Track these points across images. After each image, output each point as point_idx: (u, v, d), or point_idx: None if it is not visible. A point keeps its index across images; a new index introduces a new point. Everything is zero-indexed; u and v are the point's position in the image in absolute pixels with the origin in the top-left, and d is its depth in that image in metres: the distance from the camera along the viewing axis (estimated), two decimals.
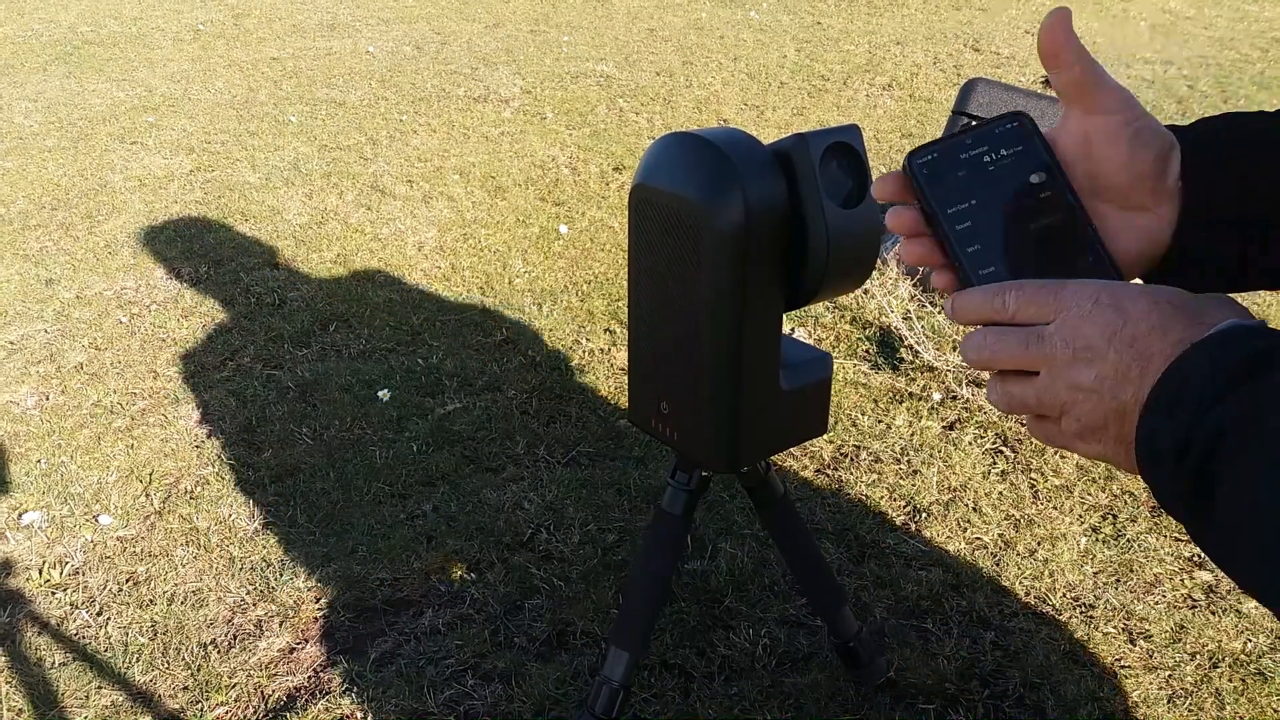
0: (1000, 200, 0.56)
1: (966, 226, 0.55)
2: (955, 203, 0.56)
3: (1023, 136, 0.57)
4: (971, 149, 0.57)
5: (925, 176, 0.56)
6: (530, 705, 1.56)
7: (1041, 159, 0.56)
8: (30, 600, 1.83)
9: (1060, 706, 1.52)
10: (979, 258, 0.55)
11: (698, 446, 1.17)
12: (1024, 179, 0.56)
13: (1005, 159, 0.56)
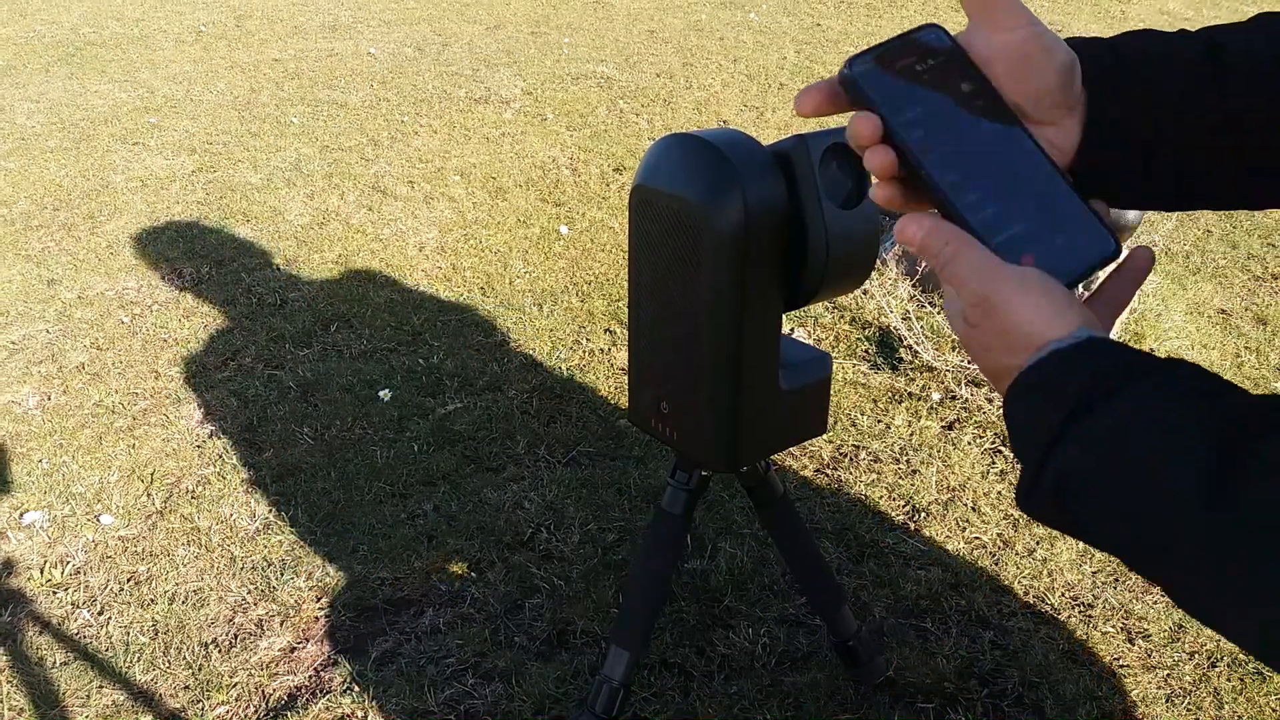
0: (942, 108, 0.56)
1: (920, 135, 0.55)
2: (903, 111, 0.56)
3: (944, 45, 0.57)
4: (903, 57, 0.57)
5: (871, 84, 0.56)
6: (530, 704, 1.56)
7: (967, 67, 0.57)
8: (32, 600, 1.83)
9: (1059, 705, 1.53)
10: (941, 166, 0.55)
11: (697, 446, 1.17)
12: (957, 86, 0.57)
13: (934, 67, 0.57)
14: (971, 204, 0.55)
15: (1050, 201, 0.56)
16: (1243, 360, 2.41)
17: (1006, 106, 0.57)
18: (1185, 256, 2.93)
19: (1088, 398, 0.46)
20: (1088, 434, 0.45)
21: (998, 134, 0.56)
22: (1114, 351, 0.48)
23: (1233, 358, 2.42)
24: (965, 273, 0.52)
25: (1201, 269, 2.85)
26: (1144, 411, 0.44)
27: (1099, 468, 0.45)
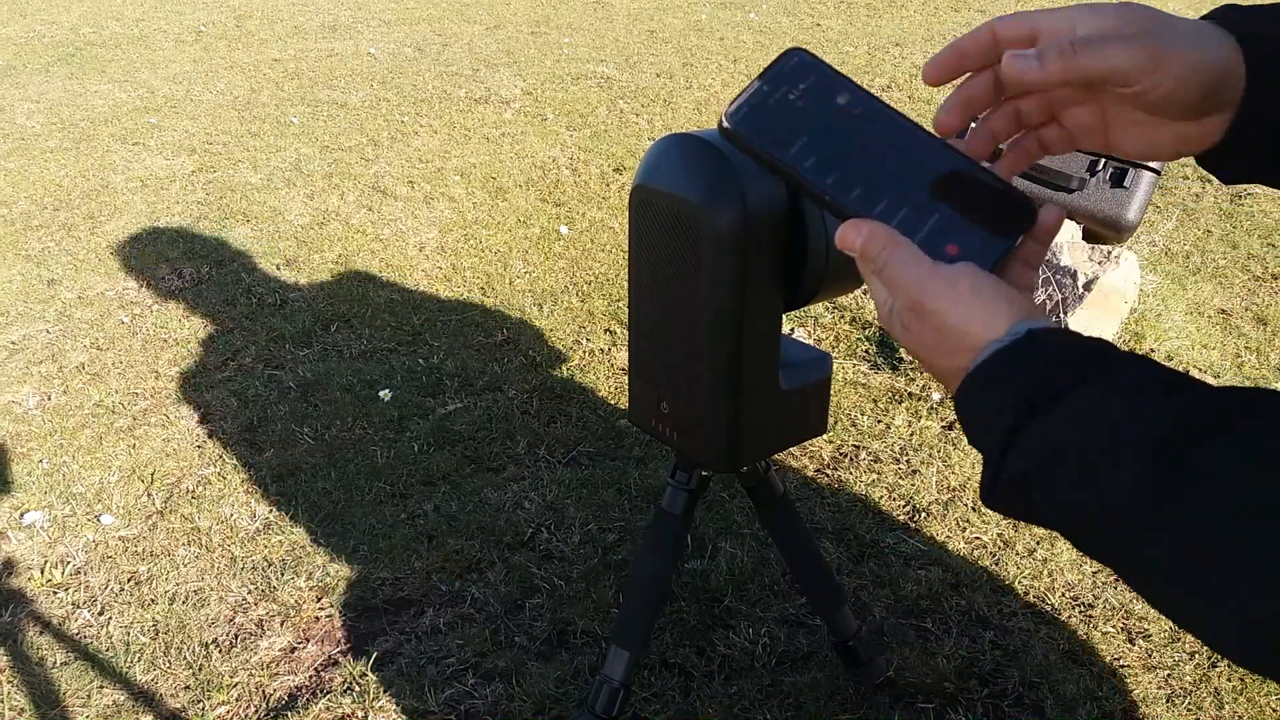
0: (825, 129, 0.57)
1: (813, 162, 0.56)
2: (790, 144, 0.56)
3: (809, 67, 0.58)
4: (773, 93, 0.57)
5: (750, 129, 0.57)
6: (531, 704, 1.56)
7: (835, 81, 0.58)
8: (32, 600, 1.83)
9: (1059, 705, 1.53)
10: (841, 186, 0.56)
11: (698, 446, 1.17)
12: (833, 102, 0.57)
13: (806, 90, 0.57)
14: (885, 210, 0.55)
15: (957, 185, 0.56)
16: (1243, 360, 2.41)
17: (885, 106, 0.58)
18: (1185, 256, 2.93)
19: (1033, 401, 0.47)
20: (1037, 439, 0.46)
21: (886, 134, 0.57)
22: (1052, 346, 0.48)
23: (1233, 358, 2.42)
24: (898, 276, 0.53)
25: (1201, 269, 2.85)
26: (1090, 417, 0.45)
27: (1052, 471, 0.45)
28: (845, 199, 0.56)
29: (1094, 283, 2.34)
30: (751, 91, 0.58)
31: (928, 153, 0.57)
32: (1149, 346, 2.40)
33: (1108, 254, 2.40)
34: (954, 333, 0.51)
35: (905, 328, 0.54)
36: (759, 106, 0.57)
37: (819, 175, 0.56)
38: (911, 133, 0.57)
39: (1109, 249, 2.41)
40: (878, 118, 0.57)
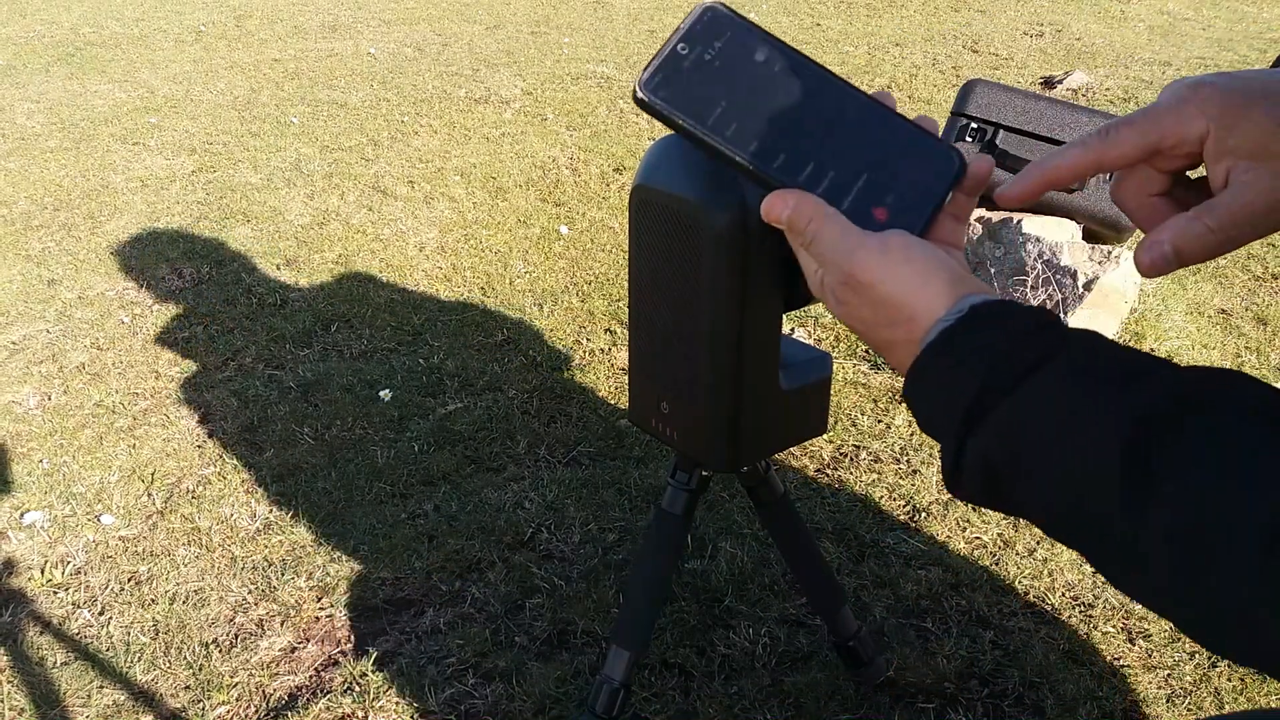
0: (745, 91, 0.53)
1: (733, 130, 0.53)
2: (708, 112, 0.53)
3: (725, 22, 0.54)
4: (689, 55, 0.54)
5: (666, 98, 0.53)
6: (531, 704, 1.56)
7: (753, 36, 0.54)
8: (32, 600, 1.83)
9: (1059, 705, 1.53)
10: (763, 154, 0.53)
11: (698, 446, 1.17)
12: (752, 60, 0.54)
13: (723, 49, 0.54)
14: (810, 177, 0.53)
15: (883, 141, 0.54)
16: (1243, 360, 2.41)
17: (804, 59, 0.54)
18: None
19: (989, 386, 0.45)
20: (1000, 428, 0.45)
21: (807, 92, 0.54)
22: (1002, 325, 0.46)
23: (1233, 358, 2.42)
24: (827, 250, 0.51)
25: (1202, 269, 2.85)
26: (1052, 407, 0.43)
27: (1016, 463, 0.44)
28: (769, 168, 0.53)
29: (1094, 282, 2.34)
30: (666, 55, 0.54)
31: (850, 108, 0.54)
32: (1149, 346, 2.40)
33: (1108, 254, 2.40)
34: (890, 304, 0.49)
35: (840, 301, 0.52)
36: (674, 71, 0.54)
37: (740, 144, 0.53)
38: (833, 87, 0.54)
39: (1109, 249, 2.41)
40: (798, 73, 0.54)
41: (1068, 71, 4.48)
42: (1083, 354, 0.45)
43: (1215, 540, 0.38)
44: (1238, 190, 0.48)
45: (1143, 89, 4.33)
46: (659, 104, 0.53)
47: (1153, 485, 0.39)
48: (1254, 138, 0.47)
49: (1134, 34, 5.21)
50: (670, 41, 0.54)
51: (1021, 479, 0.44)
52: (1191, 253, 0.49)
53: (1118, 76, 4.49)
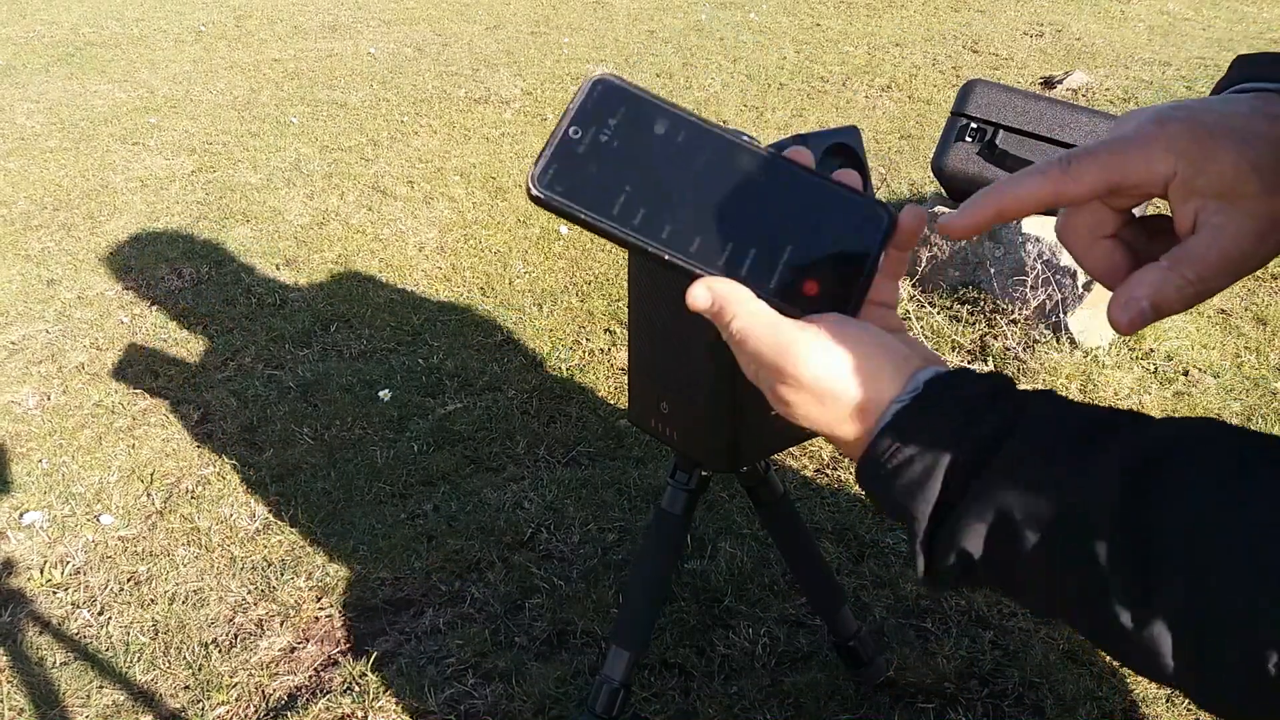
0: (648, 172, 0.49)
1: (641, 218, 0.49)
2: (612, 201, 0.49)
3: (618, 95, 0.50)
4: (583, 138, 0.49)
5: (563, 192, 0.49)
6: (531, 704, 1.56)
7: (650, 108, 0.50)
8: (32, 600, 1.83)
9: (1059, 705, 1.53)
10: (677, 240, 0.49)
11: (697, 446, 1.17)
12: (652, 134, 0.49)
13: (619, 127, 0.49)
14: (730, 259, 0.49)
15: (804, 208, 0.50)
16: (1243, 360, 2.41)
17: (707, 125, 0.50)
18: None
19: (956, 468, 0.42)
20: (974, 514, 0.42)
21: (715, 162, 0.49)
22: (957, 397, 0.43)
23: (1233, 358, 2.42)
24: (761, 348, 0.47)
25: None
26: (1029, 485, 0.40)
27: (998, 553, 0.41)
28: (685, 256, 0.48)
29: (1094, 282, 2.34)
30: (558, 142, 0.49)
31: (766, 175, 0.49)
32: (1149, 346, 2.40)
33: None
34: (839, 401, 0.46)
35: (782, 400, 0.48)
36: (569, 160, 0.49)
37: (650, 233, 0.48)
38: (744, 154, 0.50)
39: None
40: (704, 143, 0.49)
41: (1068, 71, 4.48)
42: (1042, 419, 0.42)
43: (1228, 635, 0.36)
44: (1212, 236, 0.45)
45: (1143, 89, 4.33)
46: (557, 200, 0.48)
47: (1155, 562, 0.37)
48: (1223, 178, 0.44)
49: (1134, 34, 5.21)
50: (561, 126, 0.49)
51: (1003, 571, 0.42)
52: (1170, 307, 0.46)
53: (1118, 76, 4.49)
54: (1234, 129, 0.45)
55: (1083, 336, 2.35)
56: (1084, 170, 0.46)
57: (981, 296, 2.49)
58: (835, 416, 0.46)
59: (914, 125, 4.08)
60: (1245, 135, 0.44)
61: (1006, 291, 2.45)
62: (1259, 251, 0.45)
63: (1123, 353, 2.37)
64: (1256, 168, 0.44)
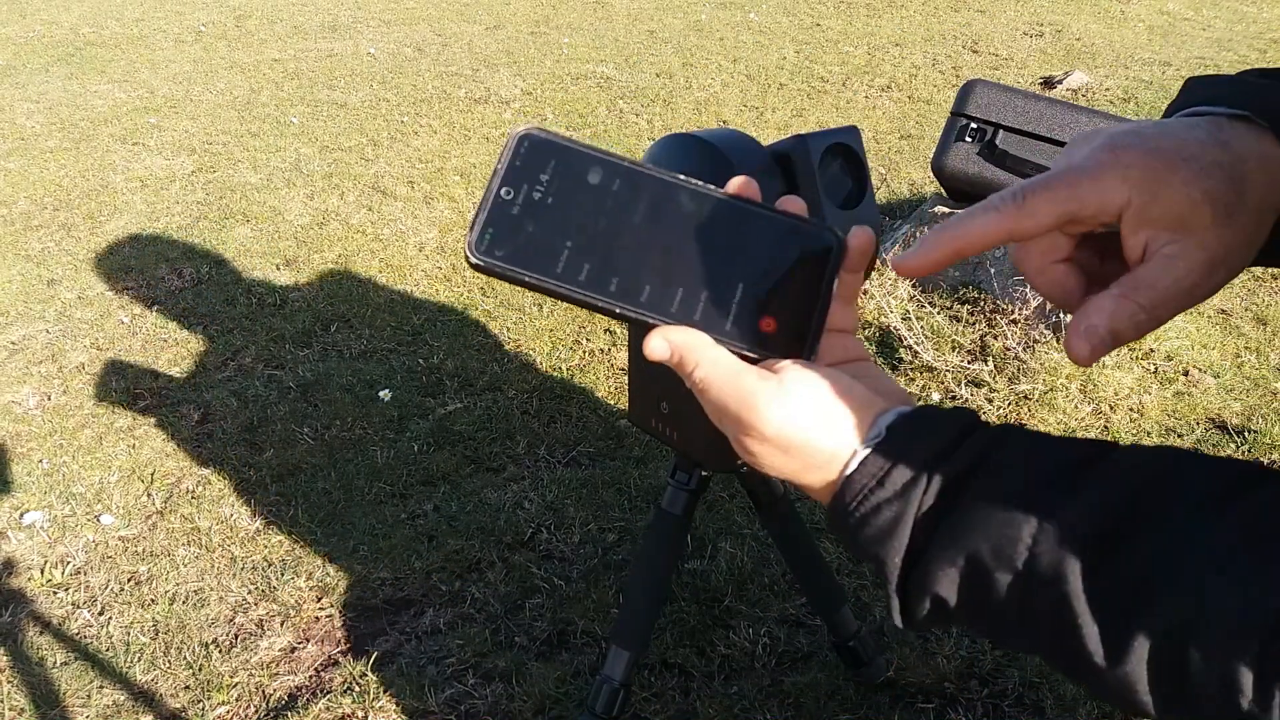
0: (588, 224, 0.48)
1: (587, 274, 0.48)
2: (554, 260, 0.47)
3: (546, 148, 0.48)
4: (516, 198, 0.48)
5: (503, 257, 0.47)
6: (531, 704, 1.56)
7: (580, 158, 0.48)
8: (32, 600, 1.83)
9: (1059, 706, 1.53)
10: (626, 293, 0.48)
11: (698, 446, 1.17)
12: (585, 186, 0.48)
13: (551, 182, 0.48)
14: (682, 305, 0.48)
15: (750, 242, 0.48)
16: (1243, 360, 2.41)
17: (640, 168, 0.49)
18: None
19: (925, 511, 0.42)
20: (944, 562, 0.41)
21: (657, 205, 0.48)
22: (922, 439, 0.43)
23: (1233, 358, 2.42)
24: (723, 403, 0.46)
25: None
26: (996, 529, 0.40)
27: (972, 596, 0.41)
28: (637, 307, 0.48)
29: None
30: (491, 205, 0.47)
31: (707, 213, 0.48)
32: (1149, 346, 2.40)
33: None
34: (804, 452, 0.45)
35: (748, 451, 0.48)
36: (505, 222, 0.47)
37: (598, 288, 0.47)
38: (683, 194, 0.48)
39: None
40: (641, 187, 0.48)
41: (1068, 71, 4.48)
42: (1006, 468, 0.42)
43: (1208, 664, 0.36)
44: (1164, 266, 0.44)
45: (1142, 89, 4.33)
46: (498, 265, 0.47)
47: (1125, 609, 0.37)
48: (1175, 209, 0.44)
49: (1134, 34, 5.21)
50: (491, 187, 0.47)
51: (978, 614, 0.42)
52: (1125, 336, 0.46)
53: (1117, 76, 4.49)
54: (1189, 158, 0.44)
55: None
56: (1038, 205, 0.45)
57: (981, 296, 2.49)
58: (800, 467, 0.46)
59: (914, 125, 4.08)
60: (1200, 164, 0.44)
61: (1007, 291, 2.45)
62: (1208, 283, 0.45)
63: (1123, 353, 2.37)
64: (1210, 198, 0.43)
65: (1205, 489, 0.38)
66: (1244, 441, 2.10)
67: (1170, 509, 0.38)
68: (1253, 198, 0.44)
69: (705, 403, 0.48)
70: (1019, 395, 2.25)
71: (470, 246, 0.47)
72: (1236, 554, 0.36)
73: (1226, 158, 0.44)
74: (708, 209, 0.48)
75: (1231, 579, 0.35)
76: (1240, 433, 2.13)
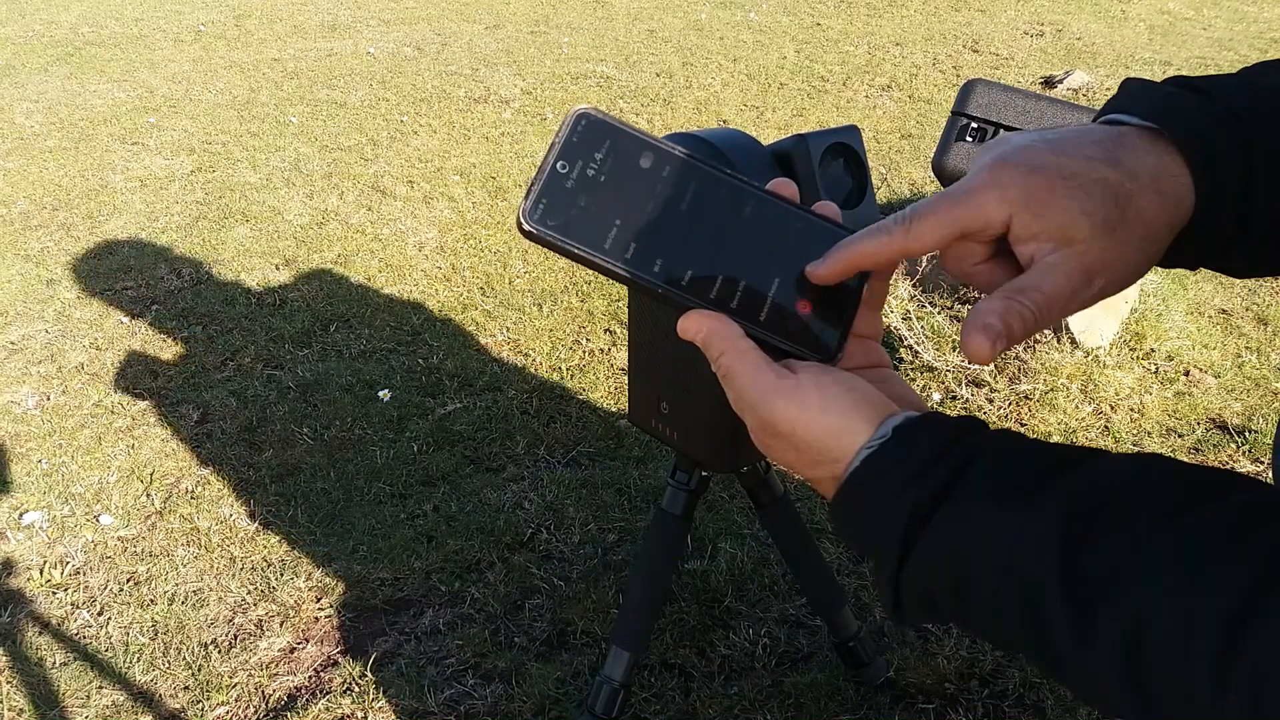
0: (637, 205, 0.50)
1: (634, 252, 0.49)
2: (603, 235, 0.49)
3: (601, 129, 0.50)
4: (571, 173, 0.50)
5: (555, 227, 0.49)
6: (530, 705, 1.56)
7: (634, 142, 0.50)
8: (31, 600, 1.83)
9: (1060, 706, 1.53)
10: (669, 275, 0.50)
11: (698, 446, 1.17)
12: (636, 170, 0.50)
13: (605, 161, 0.50)
14: (720, 296, 0.50)
15: (788, 241, 0.51)
16: (1243, 360, 2.41)
17: (690, 158, 0.51)
18: None
19: (919, 507, 0.44)
20: (933, 551, 0.44)
21: (700, 195, 0.50)
22: (921, 440, 0.46)
23: (1233, 358, 2.42)
24: (743, 392, 0.49)
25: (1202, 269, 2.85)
26: (977, 526, 0.43)
27: (954, 588, 0.44)
28: (678, 290, 0.50)
29: None
30: (546, 177, 0.49)
31: (751, 209, 0.51)
32: (1149, 346, 2.39)
33: None
34: (813, 449, 0.48)
35: (763, 444, 0.51)
36: (558, 194, 0.49)
37: (644, 267, 0.49)
38: (728, 187, 0.51)
39: None
40: (687, 176, 0.50)
41: (1068, 71, 4.48)
42: (991, 469, 0.44)
43: (1164, 666, 0.38)
44: (1044, 273, 0.47)
45: None
46: (550, 235, 0.49)
47: (1090, 605, 0.39)
48: (1056, 223, 0.46)
49: (1134, 34, 5.21)
50: (547, 160, 0.50)
51: (961, 606, 0.44)
52: (1018, 333, 0.48)
53: (1118, 76, 4.49)
54: (1068, 175, 0.47)
55: (1084, 336, 2.34)
56: (924, 229, 0.48)
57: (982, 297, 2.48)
58: (808, 462, 0.49)
59: (914, 125, 4.08)
60: (1079, 181, 0.46)
61: None
62: (1088, 290, 0.48)
63: (1123, 353, 2.37)
64: (1086, 213, 0.46)
65: (1172, 495, 0.40)
66: (1244, 441, 2.10)
67: (1135, 514, 0.40)
68: (1138, 214, 0.47)
69: (727, 389, 0.51)
70: (1019, 395, 2.25)
71: (524, 214, 0.49)
72: (1192, 556, 0.38)
73: (1113, 175, 0.46)
74: (751, 205, 0.51)
75: (1184, 581, 0.38)
76: (1241, 433, 2.13)
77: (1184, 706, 0.37)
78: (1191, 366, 2.36)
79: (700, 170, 0.51)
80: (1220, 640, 0.36)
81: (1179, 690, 0.37)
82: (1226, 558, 0.37)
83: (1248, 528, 0.38)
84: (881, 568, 0.46)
